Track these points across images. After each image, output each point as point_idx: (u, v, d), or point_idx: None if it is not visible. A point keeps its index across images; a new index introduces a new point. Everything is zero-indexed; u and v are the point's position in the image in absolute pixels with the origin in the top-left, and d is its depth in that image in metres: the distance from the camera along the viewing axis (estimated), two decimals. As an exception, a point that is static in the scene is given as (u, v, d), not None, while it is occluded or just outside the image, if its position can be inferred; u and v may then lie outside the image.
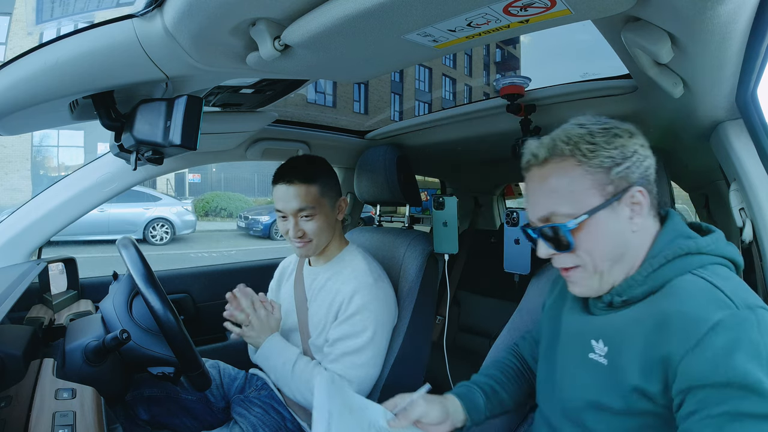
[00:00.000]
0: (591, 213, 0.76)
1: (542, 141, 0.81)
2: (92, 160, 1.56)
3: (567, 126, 0.81)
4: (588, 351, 0.82)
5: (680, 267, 0.75)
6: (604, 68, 1.22)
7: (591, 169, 0.76)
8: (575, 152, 0.77)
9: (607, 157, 0.76)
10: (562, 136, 0.79)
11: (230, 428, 1.30)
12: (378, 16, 0.66)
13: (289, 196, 1.30)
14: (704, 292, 0.70)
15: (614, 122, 0.80)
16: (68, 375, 1.01)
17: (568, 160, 0.77)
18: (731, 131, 1.01)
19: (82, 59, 0.82)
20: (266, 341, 1.34)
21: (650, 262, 0.77)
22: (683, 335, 0.67)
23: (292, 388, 1.29)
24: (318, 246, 1.36)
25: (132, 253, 1.15)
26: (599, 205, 0.76)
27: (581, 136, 0.77)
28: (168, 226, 10.95)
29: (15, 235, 1.43)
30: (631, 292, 0.78)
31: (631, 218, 0.77)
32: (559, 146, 0.78)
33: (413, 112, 19.90)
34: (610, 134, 0.77)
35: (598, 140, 0.77)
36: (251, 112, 1.54)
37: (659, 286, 0.76)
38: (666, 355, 0.68)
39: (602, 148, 0.76)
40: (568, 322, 0.92)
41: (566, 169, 0.78)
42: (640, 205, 0.77)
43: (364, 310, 1.28)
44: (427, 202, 2.00)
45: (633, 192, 0.76)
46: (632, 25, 0.73)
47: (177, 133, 0.94)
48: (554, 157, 0.79)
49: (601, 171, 0.76)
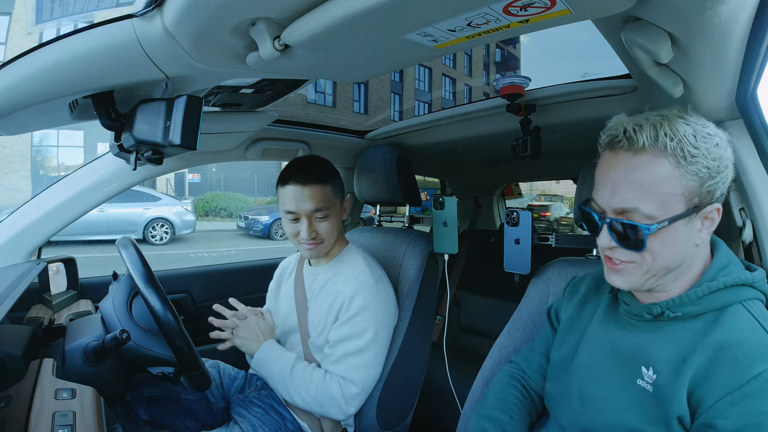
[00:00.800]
0: (672, 221, 0.72)
1: (641, 124, 0.73)
2: (92, 160, 1.56)
3: (668, 114, 0.74)
4: (636, 377, 0.79)
5: (734, 296, 0.76)
6: (604, 68, 1.22)
7: (687, 175, 0.71)
8: (677, 152, 0.71)
9: (705, 167, 0.71)
10: (666, 128, 0.72)
11: (230, 428, 1.30)
12: (378, 16, 0.66)
13: (303, 196, 1.29)
14: (756, 337, 0.71)
15: (711, 124, 0.75)
16: (68, 375, 1.01)
17: (668, 158, 0.71)
18: (731, 131, 1.01)
19: (81, 59, 0.82)
20: (261, 348, 1.34)
21: (708, 285, 0.76)
22: (729, 377, 0.68)
23: (291, 392, 1.28)
24: (328, 247, 1.36)
25: (132, 253, 1.15)
26: (681, 214, 0.72)
27: (686, 136, 0.71)
28: (168, 226, 10.95)
29: (15, 235, 1.43)
30: (683, 308, 0.77)
31: (700, 231, 0.75)
32: (662, 140, 0.71)
33: (413, 112, 19.91)
34: (713, 142, 0.72)
35: (701, 145, 0.71)
36: (251, 112, 1.54)
37: (711, 310, 0.76)
38: (707, 391, 0.69)
39: (704, 155, 0.71)
40: (603, 338, 0.88)
41: (662, 168, 0.72)
42: (713, 221, 0.75)
43: (365, 311, 1.28)
44: (427, 202, 1.99)
45: (713, 208, 0.74)
46: (632, 24, 0.72)
47: (177, 133, 0.94)
48: (653, 149, 0.72)
49: (695, 180, 0.72)
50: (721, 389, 0.68)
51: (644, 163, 0.72)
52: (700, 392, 0.70)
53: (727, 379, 0.68)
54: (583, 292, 0.99)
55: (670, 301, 0.78)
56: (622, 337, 0.85)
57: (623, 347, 0.83)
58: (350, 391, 1.26)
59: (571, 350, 0.93)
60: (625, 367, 0.81)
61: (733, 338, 0.71)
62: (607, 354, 0.85)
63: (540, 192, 16.07)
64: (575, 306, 0.99)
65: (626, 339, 0.83)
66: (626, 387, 0.80)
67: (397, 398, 1.42)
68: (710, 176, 0.72)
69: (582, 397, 0.86)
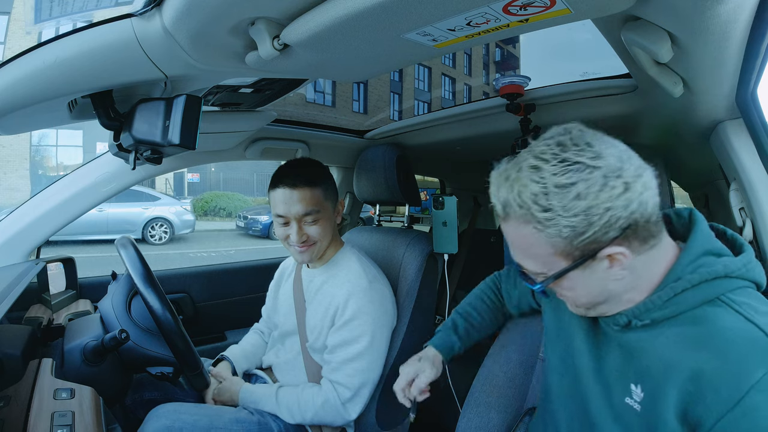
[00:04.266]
0: (558, 276, 0.70)
1: (498, 185, 0.71)
2: (91, 159, 1.56)
3: (524, 170, 0.68)
4: (625, 395, 0.74)
5: (708, 292, 0.69)
6: (603, 67, 1.22)
7: (549, 238, 0.67)
8: (529, 219, 0.67)
9: (566, 226, 0.65)
10: (516, 193, 0.68)
11: (238, 409, 1.30)
12: (377, 15, 0.66)
13: (293, 200, 1.26)
14: (743, 336, 0.63)
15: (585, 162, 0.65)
16: (67, 375, 1.01)
17: (526, 224, 0.68)
18: (731, 131, 1.01)
19: (80, 58, 0.82)
20: (241, 393, 1.34)
21: (672, 287, 0.70)
22: (723, 394, 0.61)
23: (284, 414, 1.28)
24: (319, 250, 1.34)
25: (131, 253, 1.14)
26: (567, 268, 0.69)
27: (535, 198, 0.65)
28: (167, 226, 10.94)
29: (13, 235, 1.43)
30: (650, 315, 0.72)
31: (610, 269, 0.69)
32: (512, 207, 0.68)
33: (413, 112, 19.89)
34: (570, 197, 0.64)
35: (554, 204, 0.64)
36: (250, 112, 1.54)
37: (684, 310, 0.70)
38: (704, 410, 0.62)
39: (559, 216, 0.64)
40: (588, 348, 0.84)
41: (524, 233, 0.69)
42: (621, 261, 0.68)
43: (361, 315, 1.28)
44: (426, 202, 1.99)
45: (612, 252, 0.67)
46: (632, 24, 0.72)
47: (176, 132, 0.94)
48: (512, 216, 0.70)
49: (560, 240, 0.66)
50: (719, 407, 0.61)
51: (512, 229, 0.71)
52: (696, 412, 0.63)
53: (724, 394, 0.61)
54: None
55: (635, 309, 0.73)
56: (605, 346, 0.81)
57: (609, 358, 0.80)
58: (344, 396, 1.26)
59: (564, 351, 0.91)
60: (613, 381, 0.77)
61: (719, 346, 0.64)
62: (595, 365, 0.82)
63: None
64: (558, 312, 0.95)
65: (610, 348, 0.80)
66: (616, 404, 0.76)
67: (397, 398, 1.42)
68: (578, 233, 0.65)
69: (579, 406, 0.84)
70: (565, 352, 0.90)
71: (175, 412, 1.15)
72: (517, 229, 0.70)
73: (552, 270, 0.70)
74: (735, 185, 1.07)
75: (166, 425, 1.11)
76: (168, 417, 1.13)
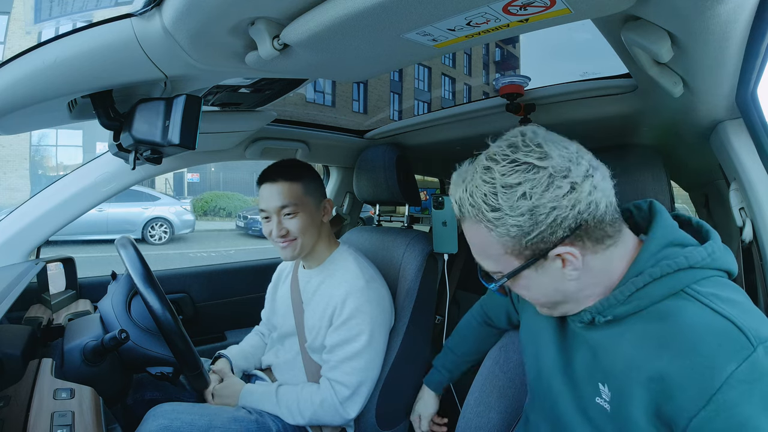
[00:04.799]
0: (511, 275, 0.72)
1: (455, 185, 0.74)
2: (91, 159, 1.56)
3: (478, 171, 0.70)
4: (595, 394, 0.74)
5: (671, 285, 0.68)
6: (603, 67, 1.22)
7: (499, 237, 0.69)
8: (481, 219, 0.69)
9: (513, 225, 0.67)
10: (468, 193, 0.70)
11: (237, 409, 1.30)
12: (377, 15, 0.66)
13: (272, 193, 1.31)
14: (711, 329, 0.62)
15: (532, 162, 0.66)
16: (67, 375, 1.01)
17: (478, 223, 0.71)
18: (731, 131, 1.01)
19: (80, 58, 0.82)
20: (242, 392, 1.34)
21: (633, 281, 0.69)
22: (691, 392, 0.60)
23: (284, 413, 1.28)
24: (302, 246, 1.34)
25: (131, 253, 1.14)
26: (519, 267, 0.71)
27: (485, 198, 0.68)
28: (167, 226, 10.94)
29: (13, 235, 1.43)
30: (613, 311, 0.71)
31: (563, 269, 0.70)
32: (465, 208, 0.71)
33: (412, 112, 19.90)
34: (517, 194, 0.66)
35: (502, 203, 0.67)
36: (250, 112, 1.54)
37: (648, 305, 0.69)
38: (675, 409, 0.62)
39: (507, 215, 0.67)
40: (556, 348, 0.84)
41: (478, 232, 0.72)
42: (572, 261, 0.69)
43: (358, 314, 1.28)
44: (426, 202, 1.99)
45: (561, 251, 0.68)
46: (632, 24, 0.72)
47: (176, 132, 0.94)
48: (466, 216, 0.72)
49: (509, 240, 0.69)
50: (690, 406, 0.60)
51: (468, 229, 0.74)
52: (668, 410, 0.62)
53: (692, 392, 0.60)
54: None
55: (598, 305, 0.73)
56: (573, 342, 0.81)
57: (578, 359, 0.79)
58: (343, 394, 1.27)
59: (534, 351, 0.91)
60: (582, 381, 0.77)
61: (686, 341, 0.62)
62: (562, 363, 0.82)
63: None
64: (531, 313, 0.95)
65: (578, 346, 0.80)
66: (586, 404, 0.76)
67: (397, 398, 1.42)
68: (525, 232, 0.67)
69: (551, 410, 0.84)
70: (536, 354, 0.90)
71: (173, 412, 1.15)
72: (472, 228, 0.72)
73: (506, 269, 0.72)
74: (735, 185, 1.07)
75: (165, 425, 1.11)
76: (166, 416, 1.13)
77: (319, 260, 1.41)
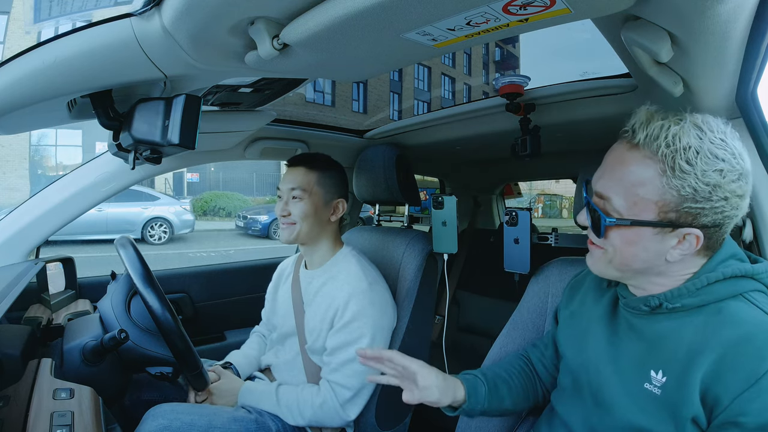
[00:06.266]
0: (635, 224, 0.73)
1: (650, 120, 0.73)
2: (90, 159, 1.56)
3: (690, 121, 0.71)
4: (644, 381, 0.78)
5: (734, 288, 0.74)
6: (603, 67, 1.22)
7: (667, 187, 0.70)
8: (667, 160, 0.69)
9: (692, 187, 0.68)
10: (672, 133, 0.70)
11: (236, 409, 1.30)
12: (377, 14, 0.66)
13: (288, 176, 1.38)
14: (763, 326, 0.70)
15: (735, 153, 0.70)
16: (66, 375, 1.01)
17: (657, 163, 0.70)
18: (731, 130, 1.01)
19: (80, 58, 0.82)
20: (241, 390, 1.34)
21: (706, 276, 0.75)
22: (742, 375, 0.67)
23: (283, 413, 1.28)
24: (300, 233, 1.35)
25: (130, 253, 1.14)
26: (649, 222, 0.72)
27: (686, 149, 0.68)
28: (166, 226, 10.93)
29: (13, 235, 1.43)
30: (681, 300, 0.76)
31: (673, 248, 0.73)
32: (659, 143, 0.70)
33: (412, 111, 19.89)
34: (715, 167, 0.68)
35: (698, 163, 0.68)
36: (250, 111, 1.54)
37: (711, 301, 0.75)
38: (722, 389, 0.68)
39: (695, 175, 0.68)
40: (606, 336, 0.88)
41: (647, 170, 0.71)
42: (689, 245, 0.73)
43: (361, 317, 1.28)
44: (426, 202, 1.99)
45: (690, 232, 0.72)
46: (632, 23, 0.72)
47: (175, 132, 0.94)
48: (647, 149, 0.71)
49: (674, 196, 0.70)
50: (737, 386, 0.67)
51: (632, 160, 0.73)
52: (715, 391, 0.69)
53: (742, 374, 0.67)
54: (584, 289, 0.99)
55: (668, 293, 0.77)
56: (625, 335, 0.84)
57: (628, 348, 0.83)
58: (343, 396, 1.27)
59: (578, 347, 0.93)
60: (631, 369, 0.81)
61: (741, 333, 0.70)
62: (611, 354, 0.85)
63: (539, 191, 16.09)
64: (578, 303, 0.99)
65: (630, 338, 0.83)
66: (633, 389, 0.79)
67: (397, 398, 1.41)
68: (694, 199, 0.69)
69: (593, 395, 0.87)
70: (581, 348, 0.93)
71: (172, 412, 1.15)
72: (640, 163, 0.72)
73: (636, 216, 0.73)
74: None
75: (164, 425, 1.11)
76: (165, 417, 1.13)
77: (321, 261, 1.41)
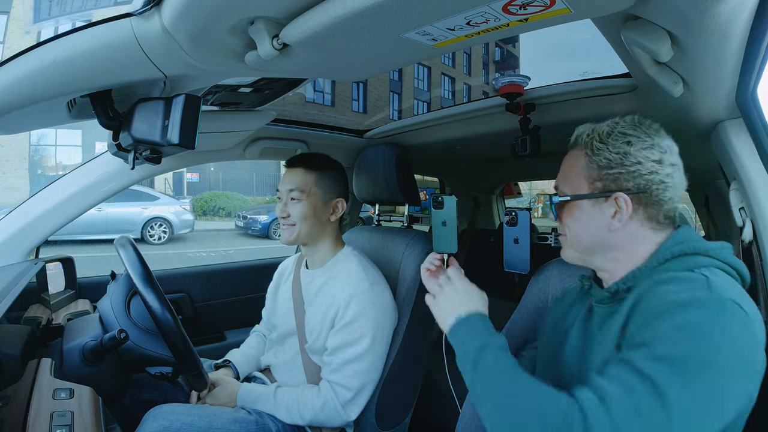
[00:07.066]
0: (574, 198, 0.86)
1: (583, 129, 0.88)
2: (90, 159, 1.55)
3: (608, 121, 0.86)
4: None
5: (685, 264, 0.77)
6: (603, 67, 1.22)
7: (591, 164, 0.84)
8: (587, 146, 0.84)
9: (606, 158, 0.82)
10: (589, 129, 0.86)
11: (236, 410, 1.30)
12: (377, 14, 0.66)
13: (287, 177, 1.38)
14: (692, 279, 0.72)
15: (646, 130, 0.82)
16: (66, 375, 1.01)
17: (582, 151, 0.85)
18: (731, 130, 1.01)
19: (79, 58, 0.82)
20: (239, 392, 1.34)
21: (656, 257, 0.80)
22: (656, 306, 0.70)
23: (282, 414, 1.28)
24: (301, 234, 1.35)
25: (130, 253, 1.14)
26: (583, 194, 0.85)
27: (600, 134, 0.83)
28: (166, 226, 10.92)
29: (12, 235, 1.42)
30: (636, 281, 0.80)
31: (612, 218, 0.82)
32: (581, 137, 0.86)
33: (412, 111, 19.88)
34: (623, 140, 0.81)
35: (609, 141, 0.82)
36: (249, 111, 1.54)
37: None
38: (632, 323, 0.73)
39: (606, 149, 0.82)
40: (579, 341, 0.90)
41: (576, 159, 0.87)
42: (620, 210, 0.81)
43: (362, 317, 1.28)
44: (426, 202, 1.99)
45: (618, 196, 0.81)
46: (632, 23, 0.72)
47: (175, 132, 0.93)
48: (576, 146, 0.88)
49: (595, 169, 0.83)
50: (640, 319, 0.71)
51: (569, 156, 0.89)
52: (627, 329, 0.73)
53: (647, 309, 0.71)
54: (570, 300, 1.00)
55: (624, 277, 0.83)
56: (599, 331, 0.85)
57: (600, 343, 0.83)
58: (344, 397, 1.26)
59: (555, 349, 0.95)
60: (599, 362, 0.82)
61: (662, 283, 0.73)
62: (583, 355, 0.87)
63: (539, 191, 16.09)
64: (562, 310, 1.00)
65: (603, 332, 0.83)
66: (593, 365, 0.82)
67: (396, 398, 1.42)
68: (610, 166, 0.81)
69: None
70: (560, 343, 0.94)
71: (172, 413, 1.15)
72: (573, 155, 0.88)
73: (573, 192, 0.86)
74: (735, 185, 1.07)
75: (164, 426, 1.11)
76: (165, 417, 1.13)
77: (323, 261, 1.41)
